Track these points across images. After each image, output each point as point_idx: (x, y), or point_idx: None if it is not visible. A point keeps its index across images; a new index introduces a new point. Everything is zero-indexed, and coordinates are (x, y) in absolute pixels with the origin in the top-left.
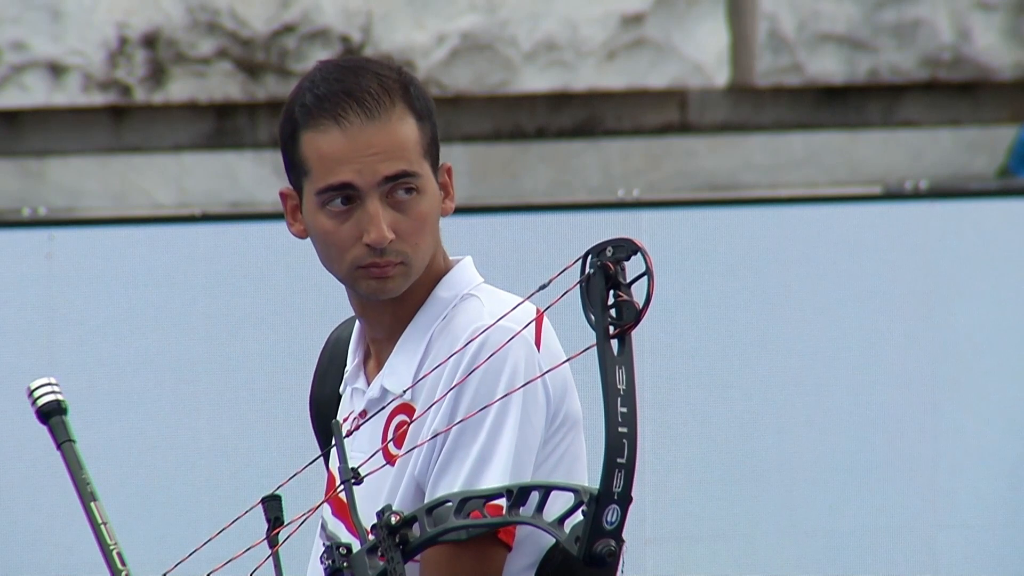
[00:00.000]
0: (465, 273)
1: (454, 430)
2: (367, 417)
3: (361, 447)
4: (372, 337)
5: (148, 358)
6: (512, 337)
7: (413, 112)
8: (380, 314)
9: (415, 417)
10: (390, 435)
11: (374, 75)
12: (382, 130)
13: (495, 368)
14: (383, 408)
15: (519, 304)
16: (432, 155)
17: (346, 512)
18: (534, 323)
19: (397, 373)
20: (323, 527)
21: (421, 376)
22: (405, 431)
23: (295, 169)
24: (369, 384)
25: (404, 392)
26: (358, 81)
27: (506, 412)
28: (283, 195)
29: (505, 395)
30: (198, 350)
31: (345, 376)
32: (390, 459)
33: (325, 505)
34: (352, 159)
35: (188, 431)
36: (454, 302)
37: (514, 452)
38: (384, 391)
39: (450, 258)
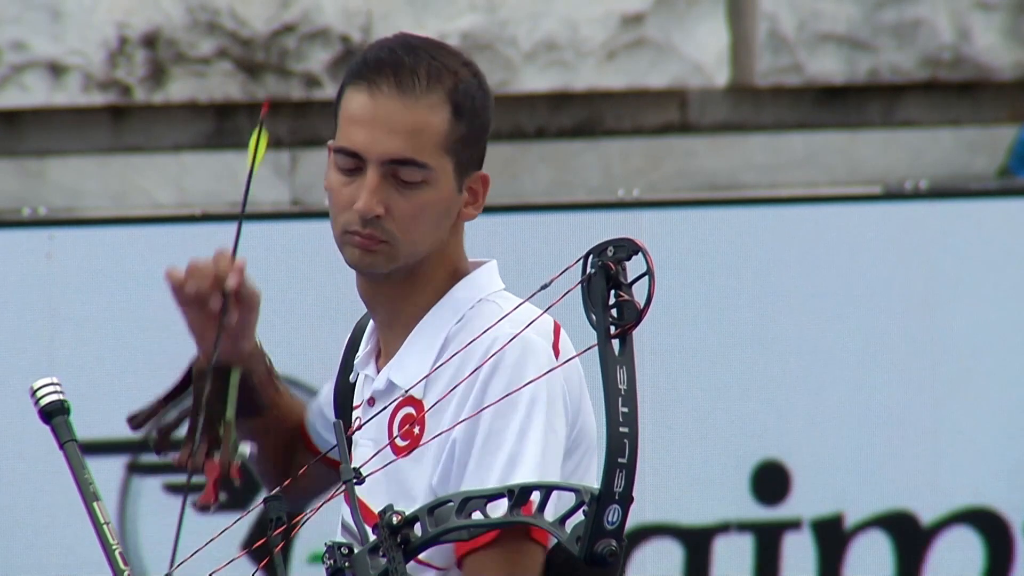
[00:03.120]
0: (487, 277)
1: (479, 440)
2: (375, 414)
3: (368, 434)
4: (376, 324)
5: (148, 358)
6: (517, 334)
7: (451, 105)
8: (377, 302)
9: (428, 408)
10: (395, 428)
11: (429, 57)
12: (407, 109)
13: (518, 378)
14: (393, 402)
15: (522, 304)
16: (458, 154)
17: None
18: (552, 333)
19: (405, 368)
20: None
21: (432, 369)
22: (412, 423)
23: (335, 122)
24: (378, 372)
25: (410, 389)
26: (409, 57)
27: (531, 419)
28: (328, 147)
29: (522, 385)
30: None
31: (356, 361)
32: (397, 451)
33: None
34: (368, 127)
35: None
36: (471, 304)
37: (542, 455)
38: (390, 384)
39: (471, 260)
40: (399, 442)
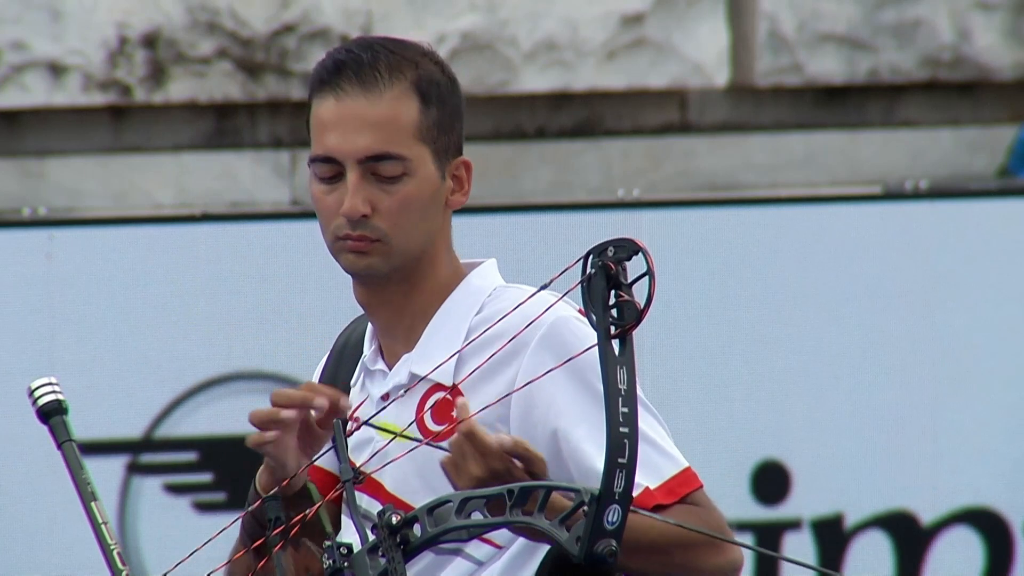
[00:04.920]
0: (494, 270)
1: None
2: (389, 401)
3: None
4: (377, 329)
5: (148, 358)
6: (552, 304)
7: (417, 93)
8: (377, 307)
9: (461, 380)
10: (428, 416)
11: (387, 52)
12: (373, 105)
13: (581, 345)
14: (406, 389)
15: (539, 291)
16: (435, 141)
17: (378, 491)
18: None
19: (431, 359)
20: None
21: (454, 353)
22: (451, 407)
23: (309, 135)
24: (390, 368)
25: (429, 374)
26: (367, 54)
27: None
28: (308, 163)
29: (567, 359)
30: (198, 350)
31: (363, 360)
32: (427, 434)
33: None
34: (339, 130)
35: (188, 431)
36: (488, 292)
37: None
38: (413, 377)
39: (466, 261)
40: (433, 427)
